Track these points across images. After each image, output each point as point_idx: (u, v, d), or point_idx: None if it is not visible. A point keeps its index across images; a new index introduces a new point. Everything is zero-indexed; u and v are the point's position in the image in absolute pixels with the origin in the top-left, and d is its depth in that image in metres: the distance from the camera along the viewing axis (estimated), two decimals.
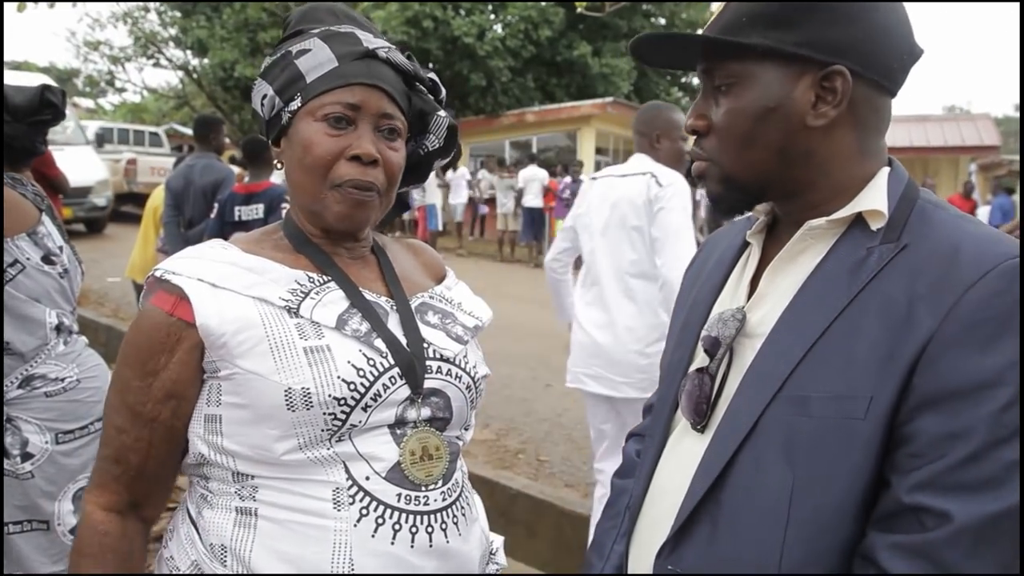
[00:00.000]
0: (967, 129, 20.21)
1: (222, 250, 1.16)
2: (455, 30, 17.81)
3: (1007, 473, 0.80)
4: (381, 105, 1.15)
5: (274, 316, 1.09)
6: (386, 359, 1.11)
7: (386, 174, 1.15)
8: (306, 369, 1.05)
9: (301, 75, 1.15)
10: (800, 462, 0.91)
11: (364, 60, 1.15)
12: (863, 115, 0.99)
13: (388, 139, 1.16)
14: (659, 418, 1.16)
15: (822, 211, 1.00)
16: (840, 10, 0.94)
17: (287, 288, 1.12)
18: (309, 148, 1.13)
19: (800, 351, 0.93)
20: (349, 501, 1.07)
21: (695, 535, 0.99)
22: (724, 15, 1.00)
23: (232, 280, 1.10)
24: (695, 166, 1.06)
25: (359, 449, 1.09)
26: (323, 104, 1.13)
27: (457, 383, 1.20)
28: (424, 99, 1.26)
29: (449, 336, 1.22)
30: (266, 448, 1.07)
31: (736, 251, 1.16)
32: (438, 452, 1.15)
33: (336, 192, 1.13)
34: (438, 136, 1.29)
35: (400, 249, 1.36)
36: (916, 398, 0.86)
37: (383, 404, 1.10)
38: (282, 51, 1.19)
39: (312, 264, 1.18)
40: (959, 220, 0.95)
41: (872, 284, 0.92)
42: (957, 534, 0.80)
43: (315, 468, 1.07)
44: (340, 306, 1.14)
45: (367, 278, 1.22)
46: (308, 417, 1.05)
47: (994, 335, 0.83)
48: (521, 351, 6.84)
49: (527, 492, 3.72)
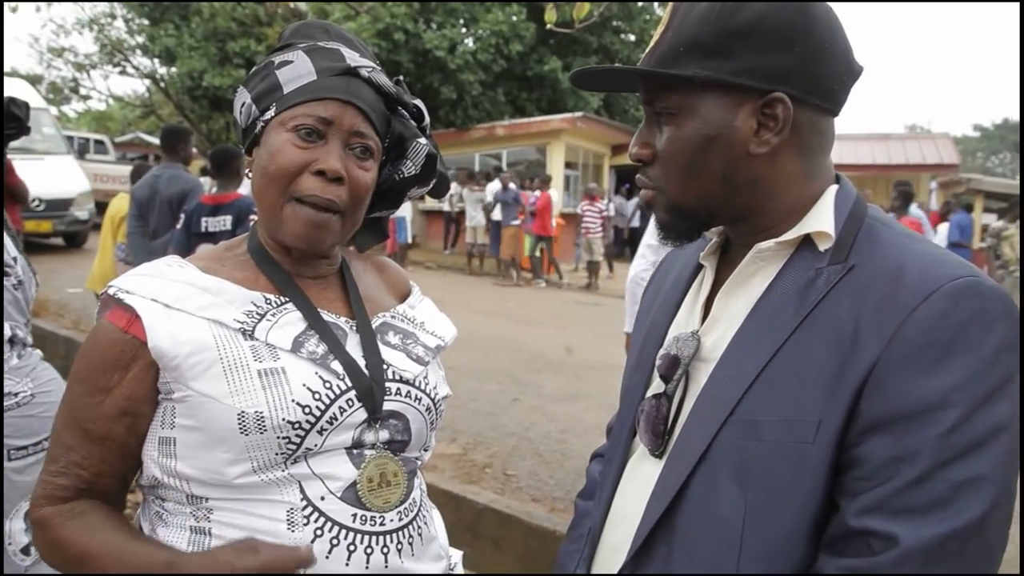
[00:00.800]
0: (927, 147, 20.65)
1: (179, 269, 1.13)
2: (426, 43, 17.82)
3: (954, 495, 0.81)
4: (354, 123, 1.13)
5: (228, 338, 1.07)
6: (343, 381, 1.10)
7: (351, 193, 1.13)
8: (260, 392, 1.04)
9: (279, 85, 1.14)
10: (752, 486, 0.91)
11: (344, 76, 1.14)
12: (807, 138, 0.99)
13: (359, 158, 1.14)
14: (617, 442, 1.16)
15: (772, 233, 1.00)
16: (776, 37, 0.94)
17: (243, 310, 1.10)
18: (274, 157, 1.11)
19: (751, 375, 0.94)
20: (303, 521, 1.05)
21: (652, 559, 0.99)
22: (661, 45, 0.99)
23: (187, 301, 1.08)
24: (642, 194, 1.07)
25: (315, 470, 1.07)
26: (295, 115, 1.11)
27: (416, 405, 1.18)
28: (405, 124, 1.24)
29: (409, 357, 1.21)
30: (219, 472, 1.05)
31: (691, 272, 1.16)
32: (396, 478, 1.13)
33: (294, 206, 1.11)
34: (415, 163, 1.25)
35: (364, 267, 1.35)
36: (863, 422, 0.86)
37: (340, 427, 1.08)
38: (266, 60, 1.18)
39: (271, 284, 1.16)
40: (905, 239, 0.95)
41: (820, 306, 0.92)
42: (904, 557, 0.81)
43: (270, 488, 1.06)
44: (297, 328, 1.12)
45: (328, 298, 1.20)
46: (262, 441, 1.03)
47: (939, 357, 0.84)
48: (489, 365, 6.83)
49: (494, 507, 3.70)
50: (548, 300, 12.03)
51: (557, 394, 6.07)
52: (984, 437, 0.82)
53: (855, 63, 1.01)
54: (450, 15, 18.79)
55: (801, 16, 0.94)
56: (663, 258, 1.32)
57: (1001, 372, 0.84)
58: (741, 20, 0.94)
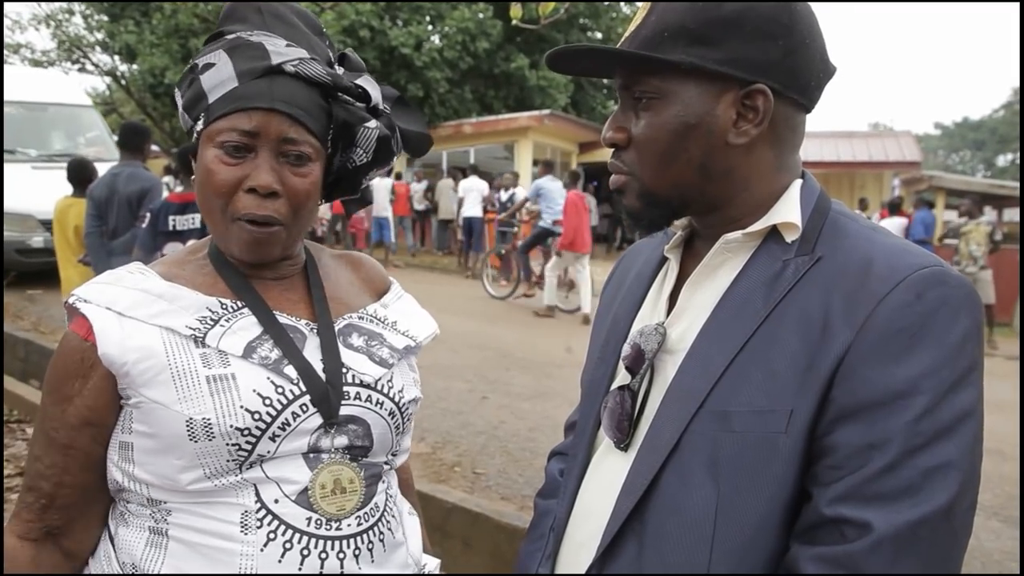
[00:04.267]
0: (891, 145, 20.96)
1: (139, 276, 1.11)
2: (392, 40, 17.75)
3: (924, 481, 0.82)
4: (282, 130, 1.07)
5: (178, 345, 1.05)
6: (296, 386, 1.07)
7: (289, 204, 1.08)
8: (207, 399, 1.02)
9: (204, 94, 1.09)
10: (724, 477, 0.91)
11: (267, 78, 1.07)
12: (782, 132, 1.00)
13: (294, 165, 1.09)
14: (581, 437, 1.15)
15: (738, 225, 1.01)
16: (761, 29, 0.95)
17: (196, 316, 1.08)
18: (207, 177, 1.07)
19: (720, 366, 0.94)
20: (257, 524, 1.03)
21: (621, 555, 0.98)
22: (644, 28, 0.98)
23: (140, 308, 1.06)
24: (613, 179, 1.05)
25: (269, 474, 1.05)
26: (220, 130, 1.07)
27: (378, 409, 1.14)
28: (349, 109, 1.16)
29: (372, 360, 1.17)
30: (172, 478, 1.03)
31: (655, 266, 1.16)
32: (352, 485, 1.10)
33: (236, 226, 1.08)
34: (366, 149, 1.19)
35: (337, 264, 1.30)
36: (834, 410, 0.87)
37: (293, 433, 1.06)
38: (192, 61, 1.13)
39: (228, 289, 1.13)
40: (870, 232, 0.97)
41: (788, 297, 0.93)
42: (877, 543, 0.82)
43: (225, 492, 1.04)
44: (251, 333, 1.09)
45: (288, 300, 1.17)
46: (211, 448, 1.01)
47: (907, 345, 0.85)
48: (457, 363, 6.81)
49: (463, 506, 3.68)
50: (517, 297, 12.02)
51: (526, 392, 6.06)
52: (951, 423, 0.83)
53: (830, 63, 1.02)
54: (416, 12, 18.74)
55: (785, 12, 0.95)
56: (624, 254, 1.31)
57: (966, 360, 0.86)
58: (728, 10, 0.94)
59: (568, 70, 1.11)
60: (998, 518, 4.14)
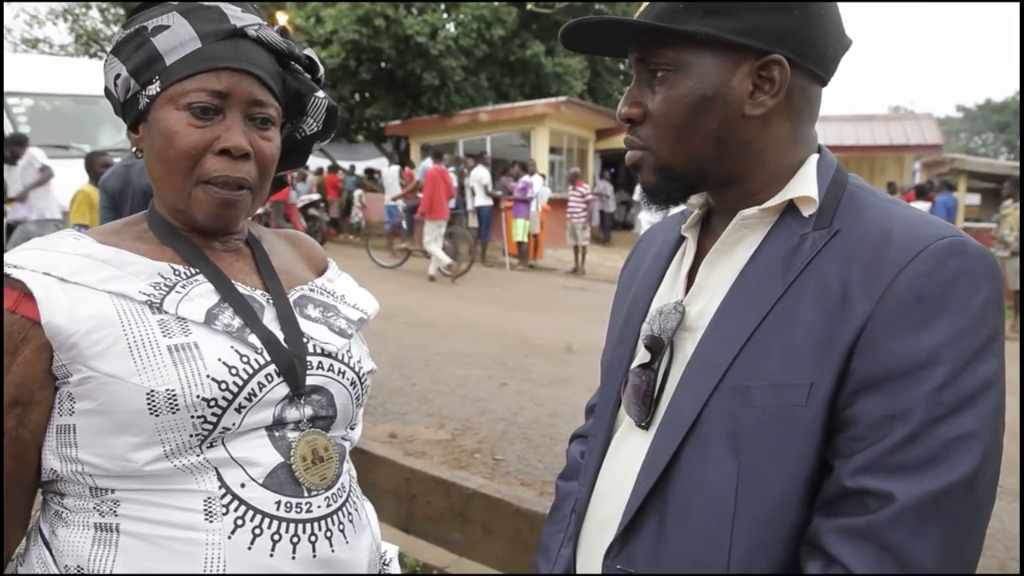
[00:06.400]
0: (911, 128, 20.70)
1: (74, 241, 1.04)
2: (407, 29, 17.70)
3: (946, 451, 0.82)
4: (252, 91, 1.04)
5: (134, 312, 0.98)
6: (261, 355, 1.03)
7: (259, 168, 1.06)
8: (171, 369, 0.96)
9: (159, 56, 1.03)
10: (745, 452, 0.91)
11: (231, 40, 1.04)
12: (798, 104, 0.99)
13: (260, 128, 1.06)
14: (602, 418, 1.15)
15: (756, 200, 1.00)
16: None
17: (149, 282, 1.01)
18: (172, 140, 1.02)
19: (739, 341, 0.94)
20: (223, 511, 0.98)
21: (643, 533, 0.98)
22: (659, 2, 0.98)
23: (85, 274, 0.99)
24: (629, 155, 1.05)
25: (233, 454, 1.00)
26: (186, 91, 1.02)
27: (340, 379, 1.12)
28: (300, 79, 1.15)
29: (331, 330, 1.15)
30: (127, 459, 0.96)
31: (672, 246, 1.16)
32: (327, 453, 1.07)
33: (204, 189, 1.03)
34: (316, 119, 1.18)
35: (278, 241, 1.27)
36: (855, 382, 0.86)
37: (259, 404, 1.01)
38: (136, 25, 1.06)
39: (179, 256, 1.08)
40: (889, 204, 0.96)
41: (807, 271, 0.93)
42: (900, 514, 0.81)
43: (184, 477, 0.98)
44: (209, 300, 1.04)
45: (240, 271, 1.13)
46: (174, 421, 0.95)
47: (927, 315, 0.84)
48: (476, 351, 6.82)
49: (483, 492, 3.70)
50: (534, 285, 12.02)
51: (545, 379, 6.07)
52: (973, 393, 0.83)
53: (845, 35, 1.01)
54: (431, 0, 18.66)
55: None
56: (641, 235, 1.30)
57: (987, 329, 0.85)
58: None
59: (582, 47, 1.11)
60: None
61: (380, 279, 10.88)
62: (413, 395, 5.39)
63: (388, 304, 9.79)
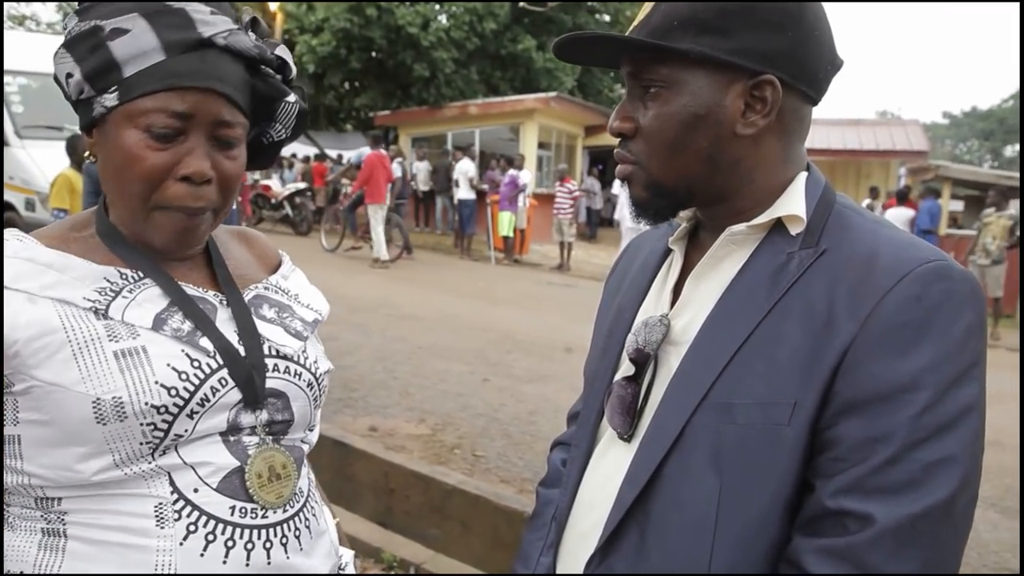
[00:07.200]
0: (898, 134, 20.85)
1: (17, 243, 0.99)
2: (399, 19, 17.64)
3: (925, 475, 0.82)
4: (218, 112, 0.97)
5: (78, 318, 0.94)
6: (213, 359, 0.99)
7: (221, 190, 1.01)
8: (117, 376, 0.92)
9: (116, 64, 0.95)
10: (727, 469, 0.91)
11: (198, 52, 0.96)
12: (789, 124, 0.99)
13: (224, 148, 1.00)
14: (584, 428, 1.15)
15: (744, 216, 1.00)
16: (772, 19, 0.94)
17: (94, 287, 0.97)
18: (129, 163, 0.95)
19: (724, 358, 0.94)
20: (174, 517, 0.95)
21: (623, 545, 0.98)
22: (653, 17, 0.98)
23: (26, 280, 0.94)
24: (620, 169, 1.04)
25: (186, 459, 0.97)
26: (145, 110, 0.94)
27: (297, 381, 1.08)
28: (270, 83, 1.07)
29: (287, 331, 1.11)
30: (73, 470, 0.93)
31: (659, 257, 1.15)
32: (285, 470, 1.04)
33: (162, 214, 0.98)
34: (286, 125, 1.12)
35: (231, 240, 1.22)
36: (838, 403, 0.87)
37: (212, 409, 0.98)
38: (90, 22, 0.97)
39: (125, 261, 1.02)
40: (875, 225, 0.97)
41: (793, 290, 0.93)
42: (879, 536, 0.82)
43: (134, 482, 0.95)
44: (158, 304, 1.00)
45: (190, 271, 1.08)
46: (122, 430, 0.92)
47: (911, 339, 0.85)
48: (458, 345, 6.81)
49: (462, 488, 3.69)
50: (519, 280, 12.02)
51: (527, 375, 6.08)
52: (954, 418, 0.84)
53: (838, 55, 1.02)
54: None
55: (795, 3, 0.95)
56: (627, 244, 1.30)
57: (969, 354, 0.86)
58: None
59: (575, 58, 1.10)
60: (996, 509, 4.15)
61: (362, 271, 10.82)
62: (395, 388, 5.38)
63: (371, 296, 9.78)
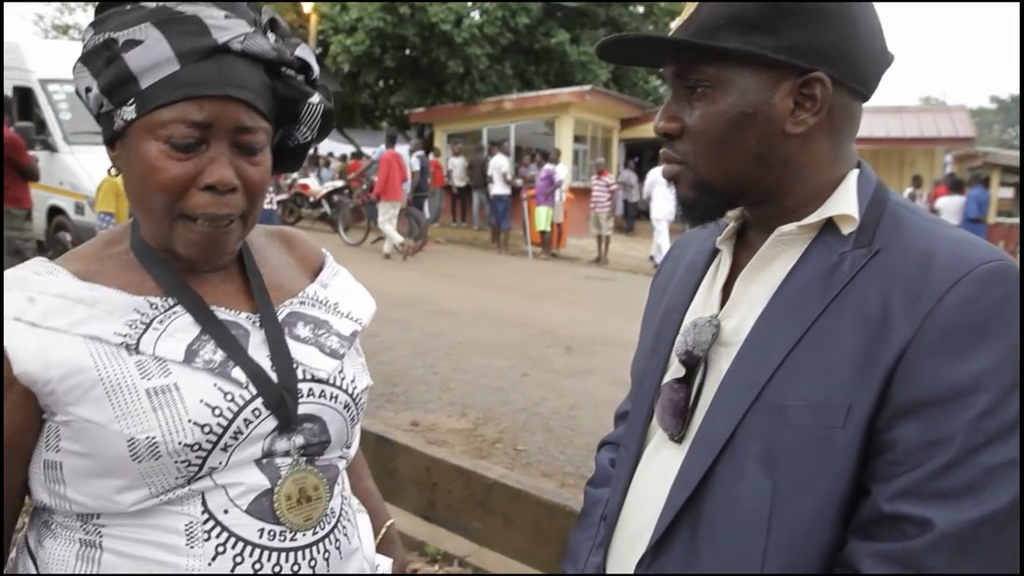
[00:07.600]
0: (943, 120, 20.36)
1: (48, 277, 0.98)
2: (432, 16, 17.68)
3: (986, 479, 0.81)
4: (238, 118, 0.96)
5: (109, 356, 0.94)
6: (247, 390, 0.98)
7: (248, 197, 0.99)
8: (150, 415, 0.92)
9: (132, 77, 0.94)
10: (780, 471, 0.90)
11: (213, 59, 0.94)
12: (839, 121, 0.98)
13: (248, 154, 0.99)
14: (634, 428, 1.14)
15: (794, 216, 0.99)
16: (820, 15, 0.92)
17: (125, 320, 0.97)
18: (152, 174, 0.95)
19: (776, 359, 0.93)
20: (204, 537, 0.95)
21: (675, 546, 0.98)
22: (698, 16, 0.96)
23: (57, 317, 0.94)
24: (666, 168, 1.03)
25: (217, 481, 0.97)
26: (164, 121, 0.93)
27: (333, 404, 1.07)
28: (292, 85, 1.04)
29: (322, 352, 1.08)
30: (113, 500, 0.95)
31: (706, 257, 1.14)
32: (316, 492, 1.03)
33: (187, 225, 0.97)
34: (311, 127, 1.09)
35: (270, 244, 1.20)
36: (894, 406, 0.85)
37: (247, 441, 0.98)
38: (104, 35, 0.96)
39: (157, 285, 1.02)
40: (931, 224, 0.95)
41: (846, 290, 0.91)
42: (938, 541, 0.81)
43: (169, 504, 0.96)
44: (190, 333, 0.99)
45: (226, 292, 1.07)
46: (157, 467, 0.93)
47: (970, 342, 0.83)
48: (497, 340, 6.83)
49: (504, 482, 3.71)
50: (557, 275, 12.00)
51: (567, 370, 6.07)
52: (1014, 422, 0.82)
53: (887, 51, 1.00)
54: None
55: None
56: (673, 244, 1.29)
57: None
58: None
59: (618, 59, 1.10)
60: None
61: (396, 267, 10.90)
62: (435, 384, 5.41)
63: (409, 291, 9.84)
